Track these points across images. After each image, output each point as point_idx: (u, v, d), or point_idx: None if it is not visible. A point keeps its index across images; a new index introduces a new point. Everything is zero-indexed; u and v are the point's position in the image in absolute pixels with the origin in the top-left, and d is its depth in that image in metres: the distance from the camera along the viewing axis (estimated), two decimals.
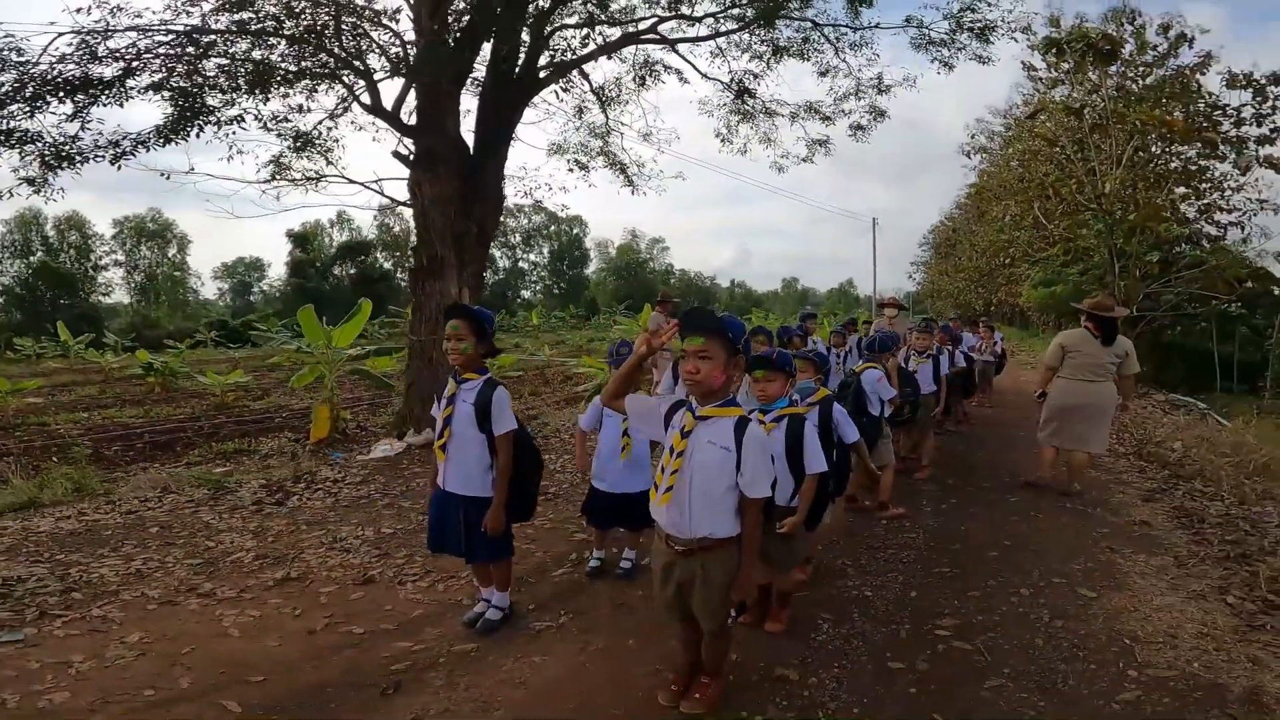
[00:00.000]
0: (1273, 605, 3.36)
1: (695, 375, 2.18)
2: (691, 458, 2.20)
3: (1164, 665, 2.73)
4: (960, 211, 34.19)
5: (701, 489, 2.20)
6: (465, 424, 2.91)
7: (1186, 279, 15.90)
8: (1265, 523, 5.01)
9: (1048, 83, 17.60)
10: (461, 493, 2.95)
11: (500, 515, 2.92)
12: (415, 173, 7.44)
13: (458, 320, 2.90)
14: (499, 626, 3.08)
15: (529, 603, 3.35)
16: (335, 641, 3.01)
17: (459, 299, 7.42)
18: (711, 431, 2.20)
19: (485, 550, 2.99)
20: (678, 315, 8.94)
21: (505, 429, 2.90)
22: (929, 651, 2.88)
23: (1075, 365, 5.64)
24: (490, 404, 2.87)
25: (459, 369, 2.95)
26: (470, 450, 2.92)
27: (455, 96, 7.67)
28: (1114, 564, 3.97)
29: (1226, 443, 8.36)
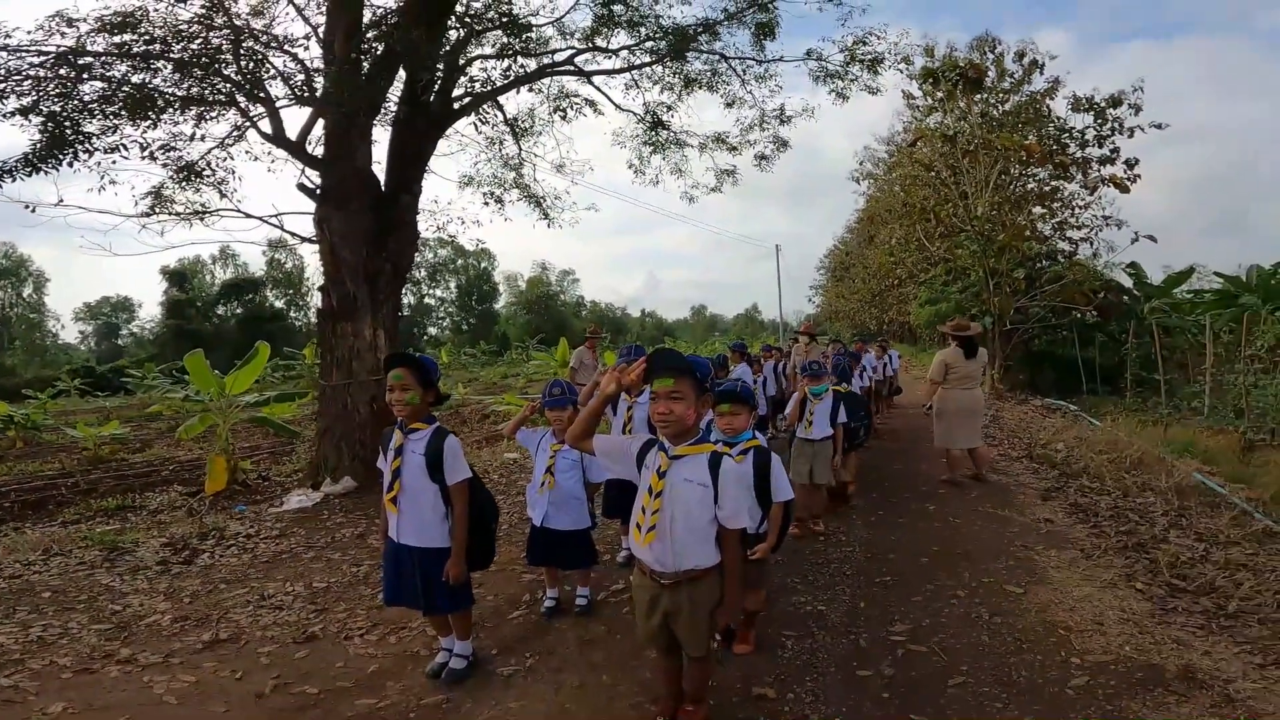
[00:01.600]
0: (1177, 589, 3.77)
1: (668, 416, 2.21)
2: (671, 496, 2.23)
3: (1100, 651, 3.00)
4: (852, 235, 36.51)
5: (684, 525, 2.24)
6: (416, 475, 2.81)
7: (1049, 293, 17.68)
8: (1151, 512, 5.60)
9: (924, 110, 19.20)
10: (417, 545, 2.84)
11: (461, 564, 2.83)
12: (323, 207, 7.10)
13: (401, 370, 2.80)
14: (466, 675, 2.96)
15: (491, 647, 3.23)
16: (290, 704, 2.80)
17: (374, 340, 7.12)
18: (687, 469, 2.25)
19: (445, 601, 2.88)
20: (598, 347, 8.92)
21: (460, 477, 2.82)
22: (890, 657, 3.03)
23: (955, 378, 6.65)
24: (442, 453, 2.79)
25: (405, 420, 2.84)
26: (423, 501, 2.83)
27: (367, 127, 7.42)
28: (1032, 560, 4.32)
29: (1102, 441, 9.29)
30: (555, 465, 3.49)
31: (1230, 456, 9.28)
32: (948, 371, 6.62)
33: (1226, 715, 2.44)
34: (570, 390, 3.62)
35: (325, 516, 5.94)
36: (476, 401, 15.43)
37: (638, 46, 9.28)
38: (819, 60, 9.49)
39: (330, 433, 7.01)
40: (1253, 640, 3.06)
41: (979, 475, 6.79)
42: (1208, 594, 3.67)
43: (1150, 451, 8.53)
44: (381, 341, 7.17)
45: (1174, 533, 5.11)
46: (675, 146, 11.22)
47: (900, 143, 23.62)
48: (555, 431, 3.53)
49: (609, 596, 3.88)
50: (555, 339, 31.74)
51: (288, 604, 3.87)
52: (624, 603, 3.78)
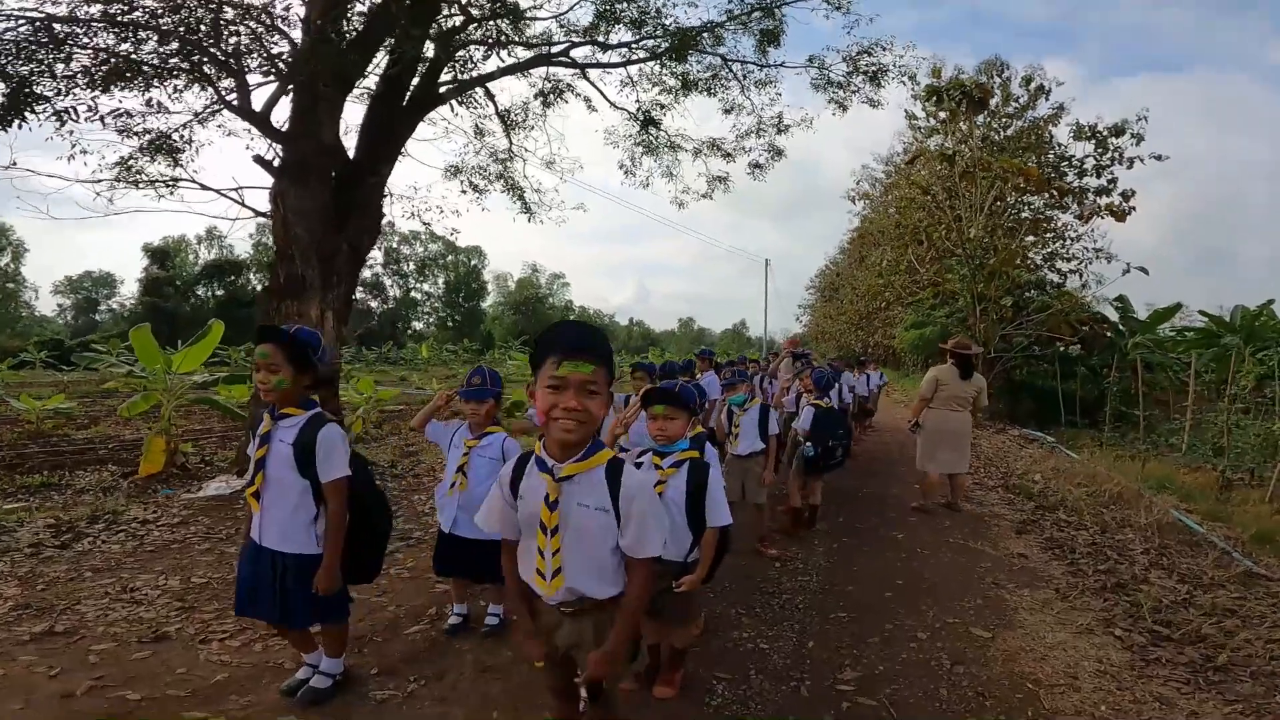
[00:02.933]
0: (1160, 636, 3.39)
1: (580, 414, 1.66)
2: (568, 529, 1.76)
3: (1071, 711, 2.60)
4: (843, 256, 36.37)
5: (584, 559, 1.78)
6: (282, 467, 2.38)
7: (1035, 322, 17.52)
8: (1130, 550, 5.26)
9: (925, 131, 19.09)
10: (279, 549, 2.40)
11: (334, 574, 2.40)
12: (280, 181, 6.73)
13: (268, 346, 2.35)
14: (328, 697, 2.52)
15: (371, 666, 2.79)
16: (99, 709, 2.39)
17: (321, 323, 6.70)
18: (580, 492, 1.76)
19: (307, 614, 2.44)
20: None
21: (335, 475, 2.39)
22: (833, 712, 2.61)
23: (944, 397, 6.34)
24: (315, 445, 2.36)
25: (275, 404, 2.41)
26: (288, 499, 2.40)
27: (338, 103, 7.05)
28: (1002, 600, 3.94)
29: (1080, 474, 9.01)
30: (469, 464, 3.07)
31: (1208, 494, 9.06)
32: (937, 388, 6.31)
33: None
34: (494, 380, 3.16)
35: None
36: None
37: (638, 44, 8.97)
38: (821, 68, 9.23)
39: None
40: (1244, 698, 2.69)
41: (953, 504, 6.44)
42: (1194, 643, 3.30)
43: (1129, 487, 8.25)
44: (329, 325, 6.81)
45: (1155, 573, 4.76)
46: (668, 149, 10.98)
47: (899, 163, 23.51)
48: (471, 426, 3.11)
49: None
50: None
51: (151, 599, 3.43)
52: None
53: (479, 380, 3.12)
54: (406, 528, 5.16)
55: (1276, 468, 8.83)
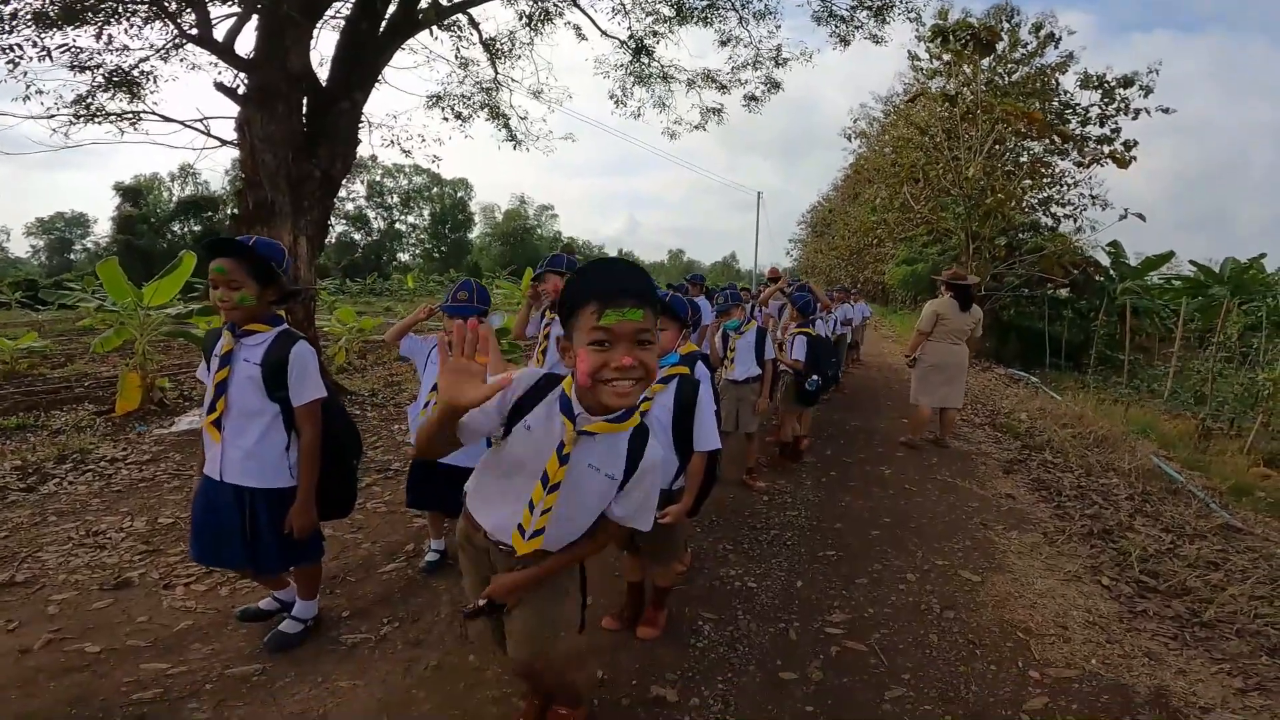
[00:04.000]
0: (1146, 587, 3.36)
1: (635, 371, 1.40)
2: (569, 488, 1.54)
3: (1062, 663, 2.55)
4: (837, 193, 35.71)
5: (571, 518, 1.61)
6: (248, 392, 2.18)
7: (1027, 262, 17.38)
8: (1115, 495, 5.26)
9: (928, 73, 18.46)
10: (247, 484, 2.22)
11: (310, 510, 2.24)
12: (245, 109, 6.45)
13: (226, 261, 2.11)
14: (298, 641, 2.41)
15: (343, 608, 2.68)
16: (57, 663, 2.26)
17: (294, 249, 6.50)
18: (596, 453, 1.54)
19: (280, 558, 2.29)
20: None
21: (311, 396, 2.20)
22: (822, 656, 2.54)
23: (944, 330, 6.22)
24: (286, 363, 2.15)
25: (236, 322, 2.18)
26: (256, 426, 2.19)
27: (307, 29, 6.67)
28: (990, 542, 3.90)
29: (1066, 415, 9.04)
30: None
31: (1187, 442, 9.16)
32: (937, 322, 6.17)
33: None
34: (481, 296, 2.90)
35: None
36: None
37: None
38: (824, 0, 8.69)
39: None
40: (1231, 657, 2.65)
41: (940, 440, 6.42)
42: (1179, 596, 3.27)
43: (1114, 430, 8.29)
44: (303, 250, 6.66)
45: (1139, 520, 4.76)
46: (660, 80, 10.47)
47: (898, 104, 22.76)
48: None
49: None
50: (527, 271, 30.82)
51: (116, 543, 3.27)
52: None
53: (465, 295, 2.86)
54: (385, 459, 5.03)
55: (1257, 418, 8.90)
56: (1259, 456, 8.21)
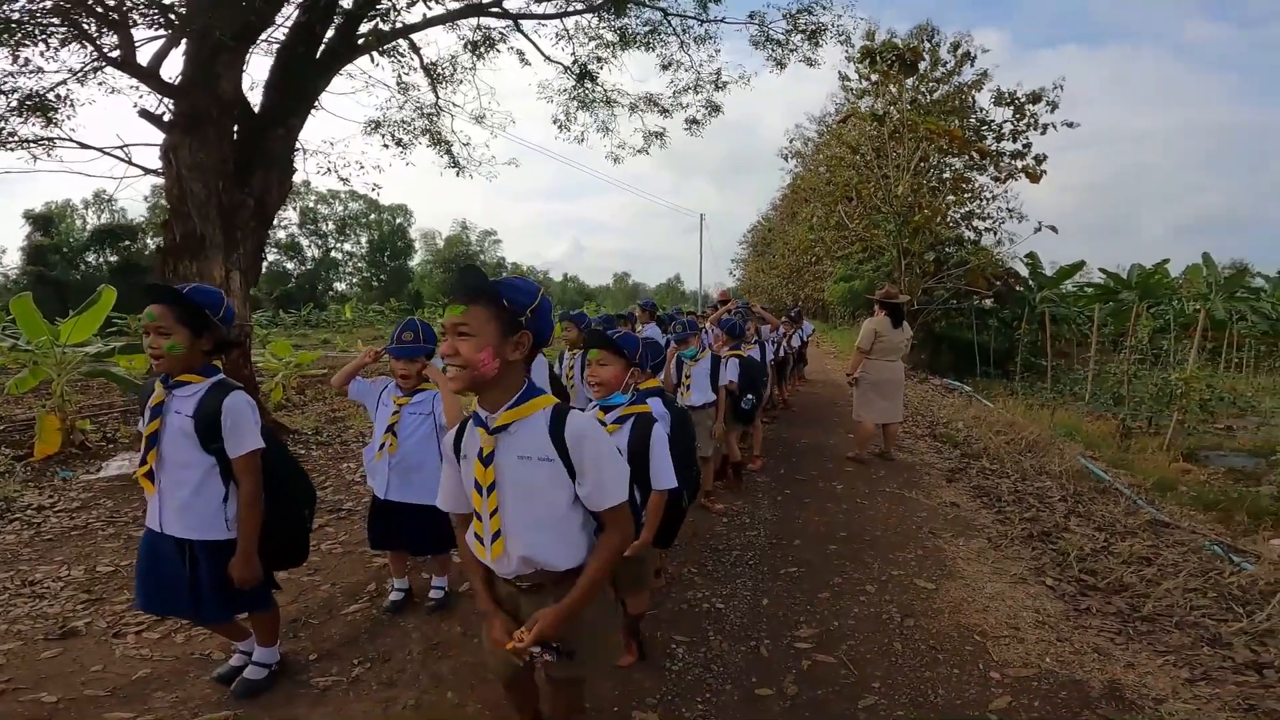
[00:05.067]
0: (1087, 585, 3.57)
1: (453, 359, 1.52)
2: (506, 486, 1.59)
3: (1019, 663, 2.69)
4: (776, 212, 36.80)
5: (532, 517, 1.60)
6: (181, 444, 2.12)
7: (954, 276, 18.32)
8: (1050, 498, 5.57)
9: (857, 92, 19.37)
10: (185, 535, 2.16)
11: (251, 563, 2.17)
12: (172, 135, 6.24)
13: (156, 307, 2.06)
14: (265, 686, 2.35)
15: (310, 651, 2.61)
16: (16, 712, 2.16)
17: (227, 283, 6.26)
18: (519, 443, 1.58)
19: (223, 607, 2.23)
20: None
21: (247, 449, 2.14)
22: (795, 670, 2.61)
23: (881, 348, 6.46)
24: (219, 415, 2.09)
25: (168, 372, 2.12)
26: (190, 478, 2.14)
27: (240, 53, 6.48)
28: (941, 550, 4.07)
29: (998, 422, 9.52)
30: (399, 423, 2.84)
31: (1110, 442, 9.74)
32: (876, 340, 6.41)
33: None
34: (428, 335, 2.89)
35: None
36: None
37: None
38: (761, 25, 9.06)
39: None
40: (1174, 649, 2.84)
41: (886, 453, 6.67)
42: (1118, 592, 3.49)
43: (1042, 435, 8.79)
44: (236, 285, 6.43)
45: (1074, 520, 5.06)
46: (604, 104, 10.63)
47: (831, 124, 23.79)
48: (402, 385, 2.89)
49: (471, 589, 3.30)
50: None
51: (54, 592, 3.14)
52: None
53: (410, 336, 2.85)
54: (336, 499, 4.89)
55: (1173, 416, 9.58)
56: (1178, 452, 8.83)
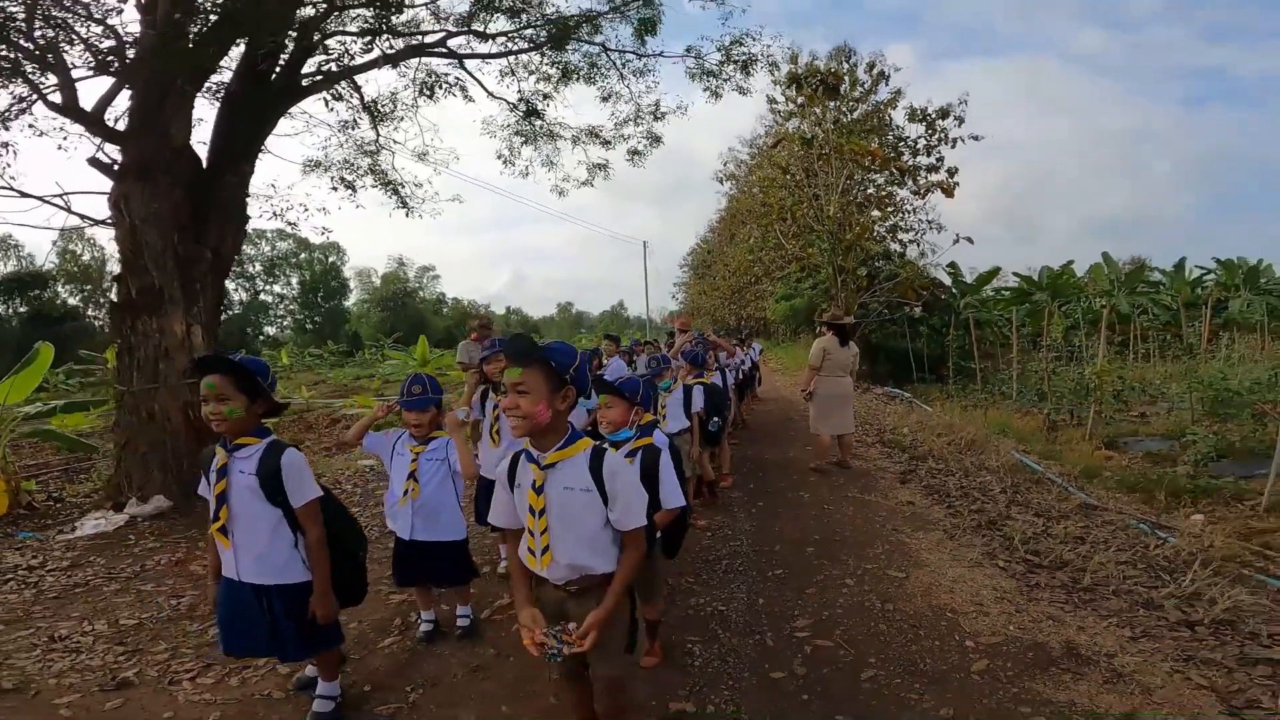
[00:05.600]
0: (1034, 564, 4.07)
1: (514, 411, 1.89)
2: (554, 511, 1.95)
3: (989, 632, 3.11)
4: (713, 235, 37.87)
5: (575, 537, 1.96)
6: (248, 499, 2.33)
7: (886, 289, 19.41)
8: (991, 491, 6.15)
9: (784, 115, 20.35)
10: (261, 582, 2.36)
11: (328, 599, 2.39)
12: (122, 184, 6.15)
13: (216, 378, 2.29)
14: (336, 718, 2.53)
15: (362, 683, 2.78)
16: None
17: (187, 338, 6.18)
18: (565, 476, 1.95)
19: (303, 646, 2.42)
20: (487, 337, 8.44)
21: (308, 498, 2.37)
22: (800, 655, 2.96)
23: (831, 365, 6.97)
24: (279, 472, 2.33)
25: (227, 435, 2.35)
26: (261, 530, 2.35)
27: (189, 98, 6.47)
28: (904, 544, 4.52)
29: (938, 424, 10.23)
30: (418, 470, 3.07)
31: (1039, 435, 10.56)
32: (825, 357, 6.90)
33: (1121, 691, 2.59)
34: (434, 387, 3.15)
35: (132, 542, 5.05)
36: (324, 406, 14.05)
37: (517, 34, 8.87)
38: (697, 58, 9.62)
39: (133, 445, 6.00)
40: (1115, 613, 3.32)
41: (843, 462, 7.15)
42: (1061, 568, 4.00)
43: (978, 434, 9.51)
44: (197, 339, 6.25)
45: (1014, 509, 5.62)
46: (547, 138, 10.95)
47: (762, 146, 24.83)
48: (415, 434, 3.11)
49: (493, 614, 3.52)
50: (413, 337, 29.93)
51: (88, 646, 3.19)
52: (510, 620, 3.44)
53: (419, 389, 3.09)
54: None
55: (1091, 408, 10.50)
56: (1099, 441, 9.67)
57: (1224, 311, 22.72)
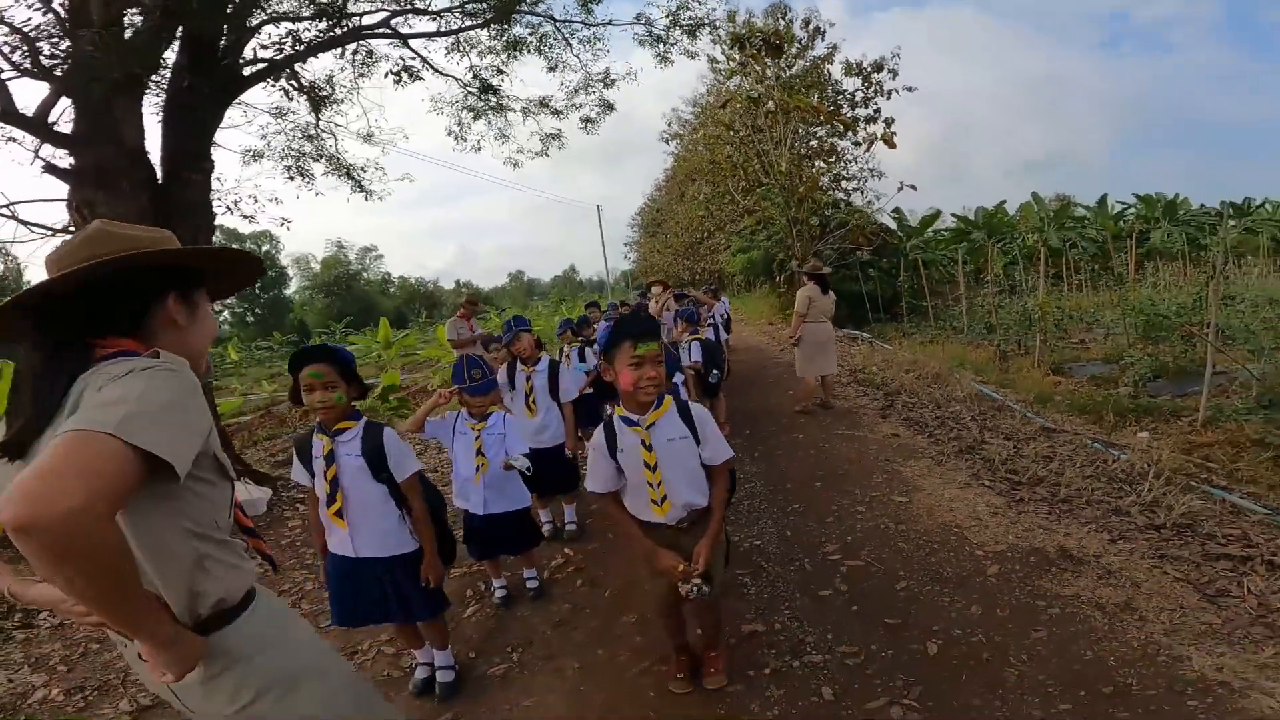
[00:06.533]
0: (1015, 482, 4.63)
1: (657, 380, 2.26)
2: (665, 462, 2.31)
3: (992, 542, 3.61)
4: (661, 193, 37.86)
5: (685, 479, 2.34)
6: (360, 479, 2.54)
7: (839, 236, 20.03)
8: (963, 419, 6.73)
9: (726, 74, 20.43)
10: (382, 554, 2.61)
11: (438, 562, 2.66)
12: (82, 191, 6.00)
13: (321, 366, 2.48)
14: (459, 687, 2.81)
15: (467, 651, 3.08)
16: None
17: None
18: (666, 430, 2.33)
19: (427, 608, 2.70)
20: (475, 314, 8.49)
21: (412, 470, 2.60)
22: (838, 575, 3.41)
23: (815, 311, 7.43)
24: (383, 449, 2.55)
25: (326, 421, 2.55)
26: (374, 506, 2.58)
27: (137, 98, 6.31)
28: (900, 472, 5.02)
29: (904, 361, 10.88)
30: (484, 446, 3.30)
31: (993, 366, 11.32)
32: (810, 305, 7.35)
33: (1114, 584, 3.09)
34: (489, 368, 3.37)
35: None
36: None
37: (460, 9, 8.74)
38: (647, 25, 9.66)
39: None
40: (1092, 520, 3.87)
41: (827, 403, 7.67)
42: (1038, 484, 4.56)
43: (942, 368, 10.19)
44: None
45: (987, 434, 6.21)
46: (497, 112, 10.87)
47: (705, 104, 24.84)
48: (474, 412, 3.32)
49: (553, 574, 3.86)
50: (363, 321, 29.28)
51: None
52: (569, 578, 3.79)
53: (480, 374, 3.30)
54: None
55: (1036, 338, 11.30)
56: (1047, 368, 10.45)
57: (1146, 243, 24.22)
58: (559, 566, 3.93)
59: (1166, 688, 2.31)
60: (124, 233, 1.38)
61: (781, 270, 20.43)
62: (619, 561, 3.85)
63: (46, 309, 1.29)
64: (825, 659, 2.69)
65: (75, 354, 1.23)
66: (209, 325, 1.51)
